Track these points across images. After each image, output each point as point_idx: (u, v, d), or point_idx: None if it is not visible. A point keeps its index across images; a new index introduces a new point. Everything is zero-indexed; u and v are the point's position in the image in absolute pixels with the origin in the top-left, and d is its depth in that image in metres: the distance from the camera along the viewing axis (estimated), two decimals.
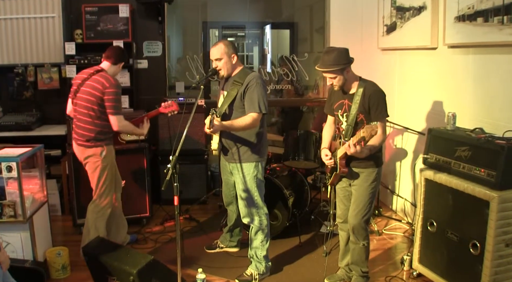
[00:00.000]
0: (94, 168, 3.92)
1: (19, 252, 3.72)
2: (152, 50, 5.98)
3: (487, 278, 2.99)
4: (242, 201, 3.72)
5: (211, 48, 3.68)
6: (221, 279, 3.81)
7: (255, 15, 7.23)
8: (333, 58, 3.19)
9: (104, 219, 4.01)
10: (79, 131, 3.89)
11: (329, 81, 3.30)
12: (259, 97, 3.50)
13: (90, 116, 3.84)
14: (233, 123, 3.44)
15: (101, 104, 3.80)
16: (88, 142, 3.87)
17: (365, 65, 5.51)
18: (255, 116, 3.47)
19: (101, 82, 3.79)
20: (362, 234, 3.42)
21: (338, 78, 3.23)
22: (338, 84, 3.27)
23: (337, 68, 3.18)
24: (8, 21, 5.43)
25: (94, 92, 3.79)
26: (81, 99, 3.85)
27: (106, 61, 3.98)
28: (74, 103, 3.91)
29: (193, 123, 3.16)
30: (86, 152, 3.89)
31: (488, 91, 3.69)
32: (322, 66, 3.23)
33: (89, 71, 3.93)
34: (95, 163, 3.91)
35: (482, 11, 3.58)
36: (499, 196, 2.92)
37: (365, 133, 2.90)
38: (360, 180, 3.36)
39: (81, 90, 3.86)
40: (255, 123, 3.50)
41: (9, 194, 3.62)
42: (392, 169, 5.26)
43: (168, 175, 2.85)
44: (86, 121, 3.85)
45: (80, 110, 3.86)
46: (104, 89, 3.77)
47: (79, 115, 3.88)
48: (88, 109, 3.83)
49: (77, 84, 3.91)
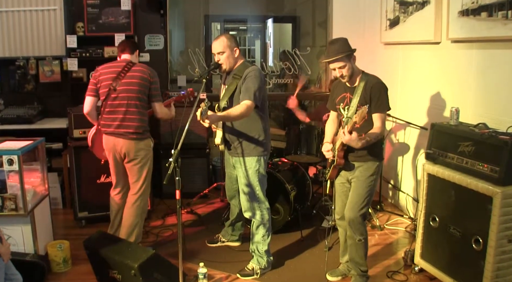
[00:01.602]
0: (146, 160, 3.93)
1: (20, 245, 3.72)
2: (154, 44, 5.96)
3: (490, 273, 2.99)
4: (244, 195, 3.71)
5: (213, 42, 3.66)
6: (222, 273, 3.81)
7: (257, 8, 7.19)
8: (339, 47, 3.17)
9: (145, 213, 4.09)
10: (129, 123, 3.81)
11: (338, 72, 3.24)
12: (254, 87, 3.47)
13: (141, 107, 3.85)
14: (229, 113, 3.40)
15: (148, 93, 3.86)
16: (140, 134, 3.85)
17: (367, 59, 5.48)
18: (248, 103, 3.43)
19: (147, 72, 3.86)
20: (358, 228, 3.39)
21: (347, 67, 3.20)
22: (348, 74, 3.23)
23: (345, 55, 3.16)
24: (9, 13, 5.42)
25: (143, 82, 3.82)
26: (128, 91, 3.80)
27: (125, 54, 3.97)
28: (114, 97, 3.80)
29: (195, 117, 3.14)
30: (138, 144, 3.85)
31: (492, 86, 3.66)
32: (330, 56, 3.19)
33: (118, 64, 3.89)
34: (147, 155, 3.93)
35: (486, 6, 3.54)
36: (502, 191, 2.90)
37: (356, 118, 2.91)
38: (359, 172, 3.34)
39: (123, 83, 3.80)
40: (248, 111, 3.44)
41: (10, 187, 3.61)
42: (394, 164, 5.25)
43: (170, 168, 2.84)
44: (137, 113, 3.83)
45: (127, 104, 3.80)
46: (151, 78, 3.85)
47: (125, 109, 3.80)
48: (140, 100, 3.83)
49: (110, 78, 3.81)
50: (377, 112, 3.19)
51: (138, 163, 3.90)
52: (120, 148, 3.84)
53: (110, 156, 3.93)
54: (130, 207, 3.97)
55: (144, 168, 3.93)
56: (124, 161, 3.92)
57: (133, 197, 3.98)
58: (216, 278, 3.75)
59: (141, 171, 3.93)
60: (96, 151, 4.07)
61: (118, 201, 4.10)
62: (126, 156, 3.87)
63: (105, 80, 3.84)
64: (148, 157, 3.94)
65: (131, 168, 3.92)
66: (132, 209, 3.96)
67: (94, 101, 3.92)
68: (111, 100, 3.81)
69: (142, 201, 3.99)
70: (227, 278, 3.76)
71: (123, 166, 3.96)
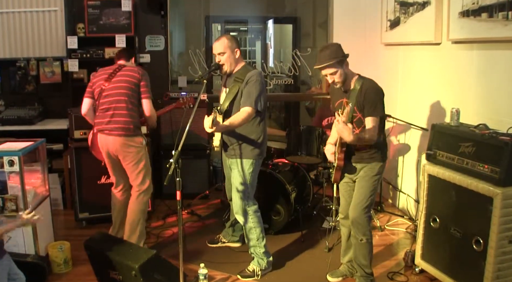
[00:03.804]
0: (138, 157, 3.95)
1: (21, 246, 3.71)
2: (154, 45, 5.97)
3: (490, 274, 2.98)
4: (237, 193, 3.72)
5: (214, 43, 3.67)
6: (223, 274, 3.81)
7: (258, 9, 7.20)
8: (330, 53, 3.17)
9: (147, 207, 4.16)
10: (118, 119, 3.86)
11: (330, 78, 3.24)
12: (256, 93, 3.49)
13: (131, 103, 3.91)
14: (232, 122, 3.44)
15: (138, 92, 3.92)
16: (130, 131, 3.88)
17: (368, 60, 5.50)
18: (249, 110, 3.46)
19: (135, 71, 3.95)
20: (361, 228, 3.38)
21: (339, 73, 3.20)
22: (340, 80, 3.23)
23: (336, 61, 3.15)
24: (10, 14, 5.43)
25: (133, 80, 3.90)
26: (118, 88, 3.87)
27: (120, 60, 4.08)
28: (105, 96, 3.88)
29: (195, 118, 3.15)
30: (128, 142, 3.88)
31: (492, 87, 3.66)
32: (320, 63, 3.19)
33: (112, 67, 4.01)
34: (139, 152, 3.95)
35: (487, 7, 3.55)
36: (503, 192, 2.90)
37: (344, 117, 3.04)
38: (364, 172, 3.35)
39: (114, 81, 3.89)
40: (248, 118, 3.48)
41: (11, 188, 3.61)
42: (395, 165, 5.25)
43: (171, 169, 2.85)
44: (128, 109, 3.88)
45: (117, 100, 3.86)
46: (140, 76, 3.92)
47: (115, 105, 3.86)
48: (129, 97, 3.89)
49: (102, 79, 3.92)
50: (370, 116, 3.18)
51: (131, 160, 3.94)
52: (112, 145, 3.89)
53: (104, 154, 3.99)
54: (133, 201, 4.02)
55: (139, 164, 3.96)
56: (118, 159, 3.97)
57: (136, 193, 4.04)
58: (216, 279, 3.75)
59: (136, 168, 3.97)
60: (96, 153, 4.10)
61: (120, 198, 4.14)
62: (118, 154, 3.92)
63: (98, 81, 3.96)
64: (141, 154, 3.97)
65: (126, 166, 3.98)
66: (135, 204, 4.01)
67: (91, 103, 4.01)
68: (103, 98, 3.91)
69: (145, 196, 4.05)
70: (228, 279, 3.76)
71: (119, 164, 4.00)
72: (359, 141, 3.12)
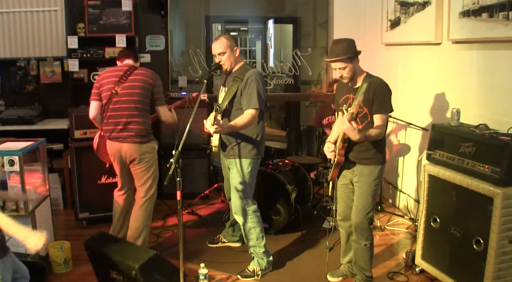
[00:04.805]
0: (151, 163, 3.92)
1: (21, 246, 3.70)
2: (154, 44, 5.97)
3: (490, 274, 2.98)
4: (235, 196, 3.72)
5: (212, 43, 3.66)
6: (223, 274, 3.81)
7: (258, 9, 7.19)
8: (342, 48, 3.16)
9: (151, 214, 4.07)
10: (132, 127, 3.79)
11: (339, 72, 3.25)
12: (257, 94, 3.50)
13: (144, 110, 3.85)
14: (236, 123, 3.46)
15: (150, 97, 3.84)
16: (144, 137, 3.84)
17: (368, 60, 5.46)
18: (253, 113, 3.49)
19: (149, 76, 3.85)
20: (364, 233, 3.38)
21: (348, 68, 3.20)
22: (348, 76, 3.23)
23: (347, 57, 3.15)
24: (10, 14, 5.43)
25: (146, 86, 3.81)
26: (130, 95, 3.78)
27: (128, 60, 3.98)
28: (116, 101, 3.78)
29: (195, 118, 3.14)
30: (142, 148, 3.84)
31: (493, 87, 3.66)
32: (332, 56, 3.19)
33: (120, 68, 3.89)
34: (152, 158, 3.92)
35: (487, 7, 3.55)
36: (503, 192, 2.90)
37: (353, 109, 2.96)
38: (363, 177, 3.34)
39: (126, 87, 3.78)
40: (253, 120, 3.52)
41: (11, 188, 3.62)
42: (396, 165, 5.25)
43: (171, 169, 2.84)
44: (140, 116, 3.82)
45: (130, 107, 3.78)
46: (153, 82, 3.84)
47: (128, 112, 3.78)
48: (143, 104, 3.83)
49: (111, 82, 3.80)
50: (379, 113, 3.19)
51: (143, 166, 3.89)
52: (125, 152, 3.83)
53: (115, 160, 3.92)
54: (138, 209, 3.97)
55: (150, 170, 3.93)
56: (129, 164, 3.92)
57: (141, 200, 3.97)
58: (217, 278, 3.75)
59: (146, 174, 3.92)
60: (101, 155, 4.05)
61: (121, 202, 4.09)
62: (131, 160, 3.87)
63: (107, 84, 3.83)
64: (153, 159, 3.94)
65: (137, 171, 3.92)
66: (140, 212, 3.96)
67: (99, 106, 3.89)
68: (113, 104, 3.80)
69: (150, 203, 3.99)
70: (228, 278, 3.76)
71: (128, 169, 3.96)
72: (366, 139, 3.12)
